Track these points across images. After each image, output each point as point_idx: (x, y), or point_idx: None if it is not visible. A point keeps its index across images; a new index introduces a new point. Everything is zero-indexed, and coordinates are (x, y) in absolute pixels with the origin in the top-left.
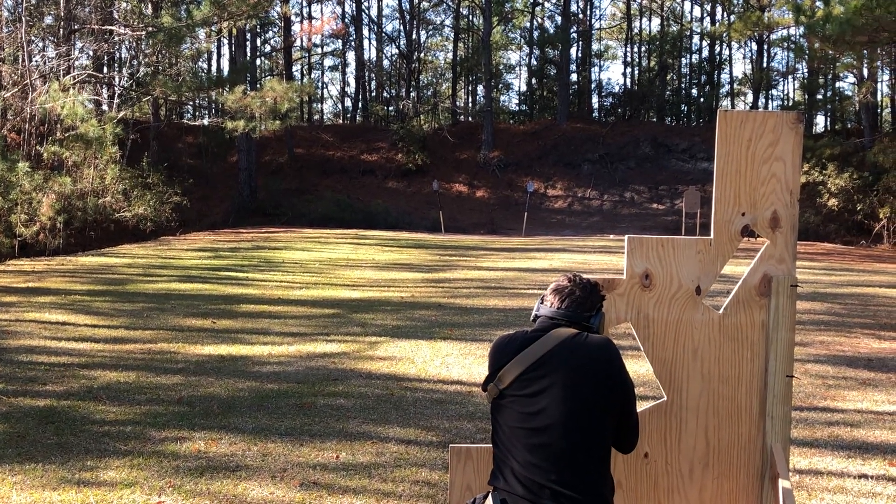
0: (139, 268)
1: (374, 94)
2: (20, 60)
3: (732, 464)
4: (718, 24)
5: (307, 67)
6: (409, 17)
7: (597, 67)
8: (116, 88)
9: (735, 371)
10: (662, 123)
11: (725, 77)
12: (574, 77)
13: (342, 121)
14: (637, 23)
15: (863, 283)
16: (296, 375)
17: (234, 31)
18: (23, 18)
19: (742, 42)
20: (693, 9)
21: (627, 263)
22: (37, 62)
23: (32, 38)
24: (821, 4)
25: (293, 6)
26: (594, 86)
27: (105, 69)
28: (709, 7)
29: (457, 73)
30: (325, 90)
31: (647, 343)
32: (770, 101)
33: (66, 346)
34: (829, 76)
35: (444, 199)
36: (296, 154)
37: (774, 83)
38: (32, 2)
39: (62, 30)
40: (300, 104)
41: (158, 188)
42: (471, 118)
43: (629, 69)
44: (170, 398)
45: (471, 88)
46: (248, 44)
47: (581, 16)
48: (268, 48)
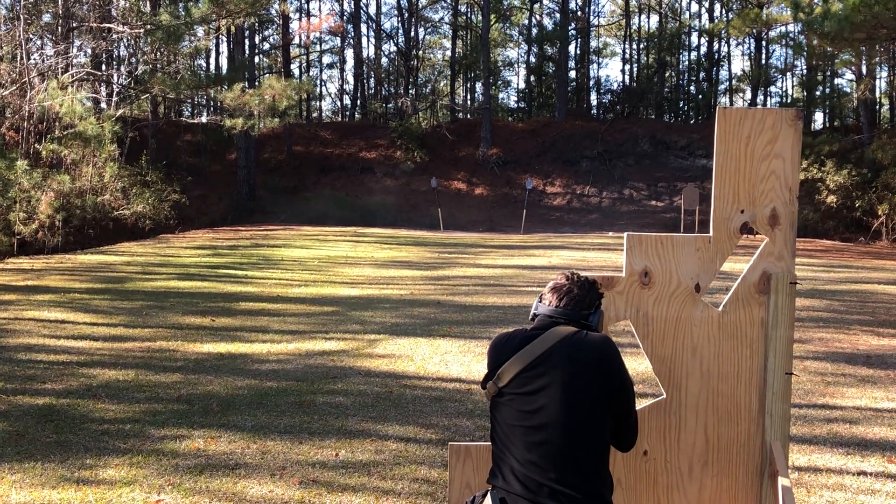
0: (138, 266)
1: (373, 92)
2: (18, 58)
3: (732, 461)
4: (717, 21)
5: (306, 65)
6: (408, 15)
7: (595, 64)
8: (115, 86)
9: (734, 368)
10: (661, 120)
11: (724, 74)
12: (573, 74)
13: (341, 118)
14: (636, 19)
15: (861, 280)
16: (295, 373)
17: (233, 29)
18: (21, 16)
19: (741, 39)
20: (691, 5)
21: (626, 261)
22: (35, 60)
23: (31, 36)
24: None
25: (291, 4)
26: (593, 83)
27: (103, 67)
28: (707, 4)
29: (455, 71)
30: (324, 88)
31: (647, 341)
32: (769, 98)
33: (65, 345)
34: (828, 73)
35: (443, 197)
36: (294, 152)
37: (773, 80)
38: (31, 0)
39: (60, 28)
40: (299, 102)
41: (157, 186)
42: (469, 115)
43: (628, 66)
44: (169, 396)
45: (469, 86)
46: (247, 41)
47: (579, 13)
48: (266, 46)
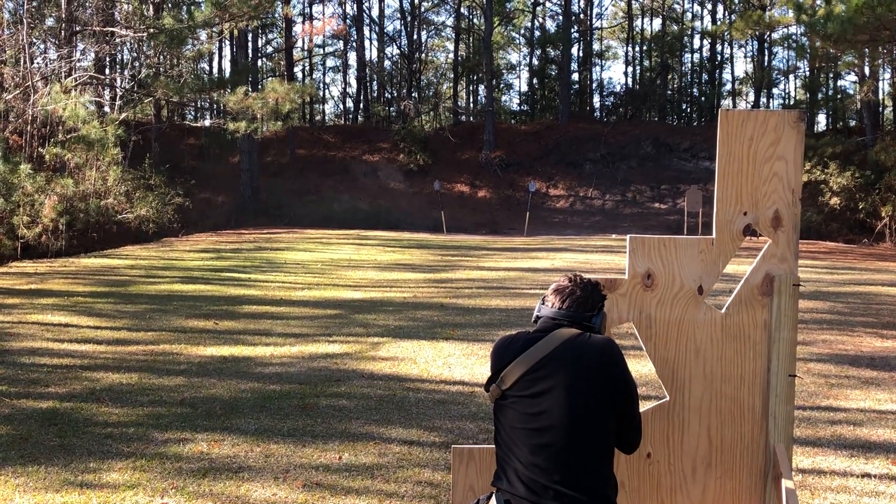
0: (141, 269)
1: (376, 95)
2: (22, 62)
3: (735, 463)
4: (720, 23)
5: (308, 68)
6: (410, 18)
7: (598, 67)
8: (118, 90)
9: (737, 370)
10: (664, 123)
11: (727, 76)
12: (575, 77)
13: (344, 121)
14: (638, 22)
15: (865, 282)
16: (298, 376)
17: (236, 33)
18: (24, 20)
19: (743, 41)
20: (694, 8)
21: (629, 263)
22: (38, 64)
23: (34, 41)
24: (822, 3)
25: (294, 7)
26: (595, 85)
27: (107, 71)
28: (710, 6)
29: (458, 73)
30: (327, 91)
31: (650, 343)
32: (771, 100)
33: (69, 348)
34: (831, 75)
35: (446, 200)
36: (297, 155)
37: (776, 82)
38: (34, 4)
39: (63, 32)
40: (302, 105)
41: (160, 189)
42: (472, 118)
43: (630, 68)
44: (172, 399)
45: (472, 88)
46: (250, 45)
47: (582, 15)
48: (269, 49)
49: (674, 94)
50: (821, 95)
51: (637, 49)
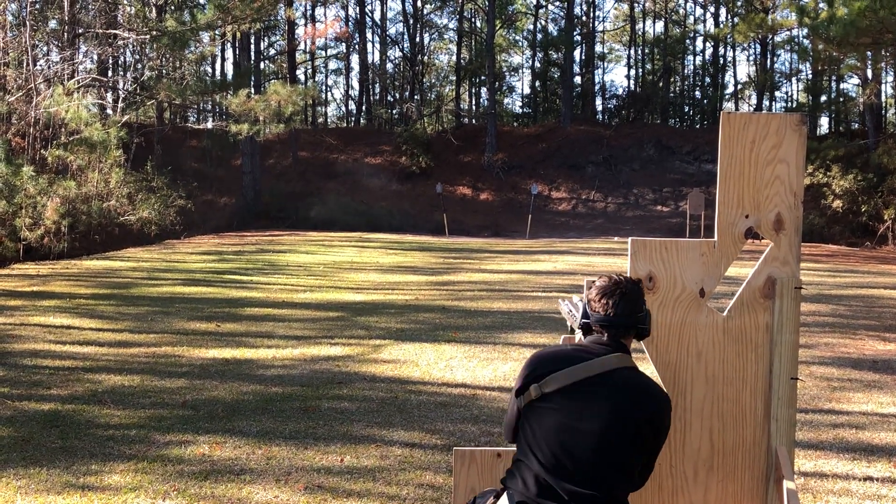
0: (144, 271)
1: (378, 97)
2: (24, 65)
3: (737, 466)
4: (722, 26)
5: (311, 71)
6: (413, 21)
7: (600, 70)
8: (121, 92)
9: (739, 373)
10: (666, 125)
11: (729, 79)
12: (578, 79)
13: (346, 124)
14: (640, 25)
15: (867, 285)
16: (300, 379)
17: (239, 35)
18: (27, 23)
19: (746, 44)
20: (696, 11)
21: (631, 266)
22: (41, 66)
23: (37, 43)
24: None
25: (297, 10)
26: (598, 88)
27: (109, 73)
28: (712, 9)
29: (460, 76)
30: (329, 93)
31: (651, 346)
32: (774, 103)
33: (71, 350)
34: (833, 78)
35: (448, 202)
36: (300, 157)
37: (778, 85)
38: (37, 6)
39: (66, 34)
40: (304, 107)
41: (163, 192)
42: (474, 121)
43: (633, 71)
44: (174, 402)
45: (474, 91)
46: (252, 47)
47: (584, 18)
48: (272, 52)
49: (676, 97)
50: (823, 98)
51: (639, 52)
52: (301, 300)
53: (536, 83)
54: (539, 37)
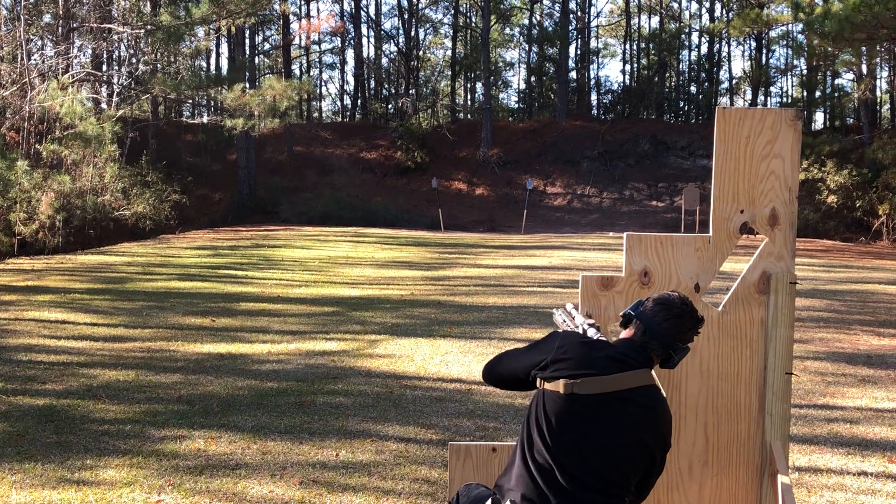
0: (138, 266)
1: (373, 92)
2: (19, 59)
3: (732, 461)
4: (717, 21)
5: (306, 65)
6: (408, 15)
7: (595, 65)
8: (115, 87)
9: (734, 368)
10: (661, 121)
11: (724, 74)
12: (573, 74)
13: (341, 119)
14: (636, 20)
15: (862, 280)
16: (295, 373)
17: (233, 29)
18: (21, 17)
19: (741, 39)
20: (692, 6)
21: (626, 261)
22: (35, 61)
23: (31, 37)
24: (820, 1)
25: (292, 4)
26: (593, 83)
27: (104, 67)
28: (707, 4)
29: (456, 71)
30: (324, 88)
31: None
32: (769, 98)
33: (66, 345)
34: (828, 73)
35: (444, 197)
36: (295, 152)
37: (774, 80)
38: (31, 0)
39: (61, 28)
40: (299, 102)
41: (158, 186)
42: (470, 116)
43: (628, 66)
44: (169, 397)
45: (470, 86)
46: (247, 42)
47: (580, 13)
48: (267, 46)
49: (671, 92)
50: (818, 93)
51: (635, 47)
52: (296, 295)
53: (532, 78)
54: (534, 32)
